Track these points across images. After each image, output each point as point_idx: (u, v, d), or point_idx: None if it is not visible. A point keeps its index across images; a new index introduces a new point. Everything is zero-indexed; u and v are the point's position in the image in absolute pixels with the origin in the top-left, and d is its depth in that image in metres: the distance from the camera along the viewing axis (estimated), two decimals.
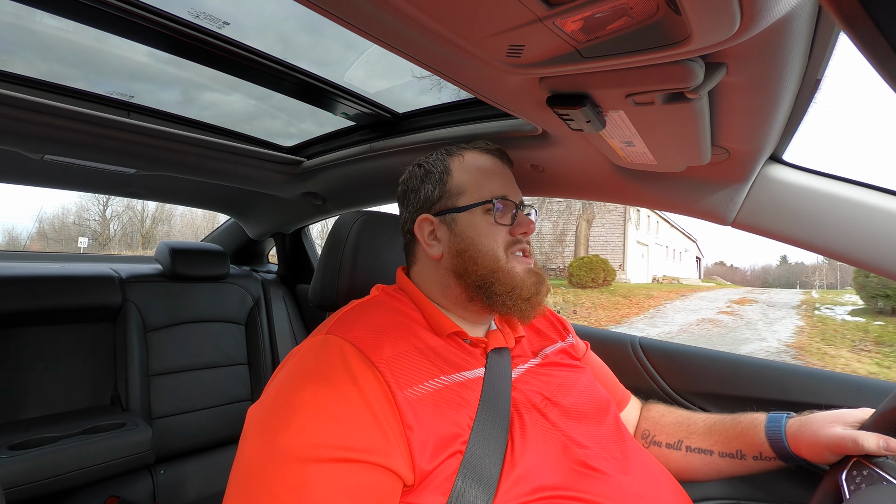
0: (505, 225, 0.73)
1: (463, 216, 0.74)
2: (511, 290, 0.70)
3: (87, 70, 1.04)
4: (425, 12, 0.47)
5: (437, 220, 0.75)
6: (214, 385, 1.70)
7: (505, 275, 0.71)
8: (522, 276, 0.72)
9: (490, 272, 0.70)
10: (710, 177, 0.86)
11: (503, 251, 0.72)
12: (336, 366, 0.57)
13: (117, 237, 16.21)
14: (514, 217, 0.74)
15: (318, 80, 1.01)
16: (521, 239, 0.74)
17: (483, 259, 0.71)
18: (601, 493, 0.58)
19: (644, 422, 0.91)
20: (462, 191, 0.75)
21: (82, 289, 1.50)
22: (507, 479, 0.56)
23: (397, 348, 0.62)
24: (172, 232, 16.57)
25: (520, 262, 0.73)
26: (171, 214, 17.09)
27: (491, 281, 0.70)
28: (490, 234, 0.72)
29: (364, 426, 0.52)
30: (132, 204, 16.26)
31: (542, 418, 0.65)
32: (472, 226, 0.73)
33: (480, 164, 0.77)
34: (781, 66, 0.50)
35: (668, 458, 0.83)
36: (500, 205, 0.73)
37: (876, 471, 0.54)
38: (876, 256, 0.76)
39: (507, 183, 0.77)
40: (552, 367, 0.77)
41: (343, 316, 0.67)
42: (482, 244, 0.72)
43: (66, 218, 16.31)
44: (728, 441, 0.77)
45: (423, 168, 0.79)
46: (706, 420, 0.83)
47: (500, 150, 0.80)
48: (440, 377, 0.62)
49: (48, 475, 1.15)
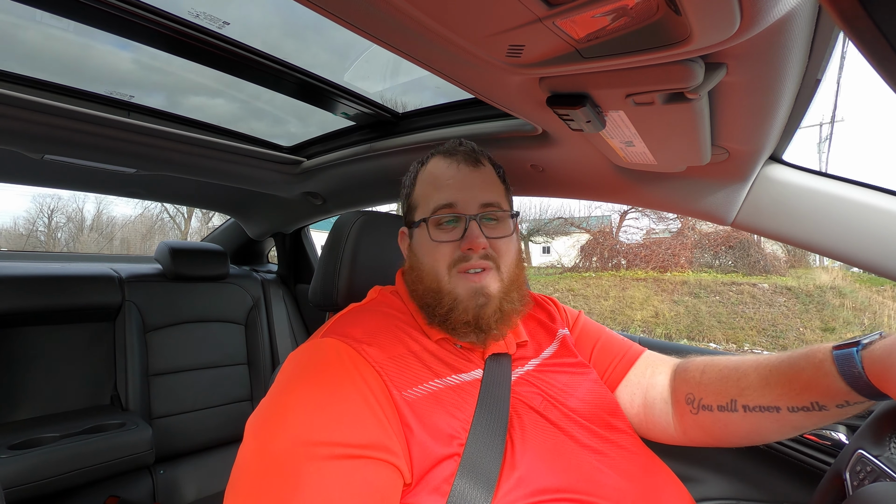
0: (448, 241, 0.68)
1: (416, 231, 0.72)
2: (449, 311, 0.66)
3: (70, 78, 1.04)
4: (426, 12, 0.47)
5: (406, 234, 0.77)
6: (214, 385, 1.70)
7: (445, 296, 0.67)
8: (463, 297, 0.66)
9: (431, 291, 0.68)
10: (710, 177, 0.86)
11: (446, 269, 0.68)
12: (335, 365, 0.57)
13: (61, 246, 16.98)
14: (464, 230, 0.68)
15: (318, 80, 1.01)
16: (468, 255, 0.67)
17: (426, 277, 0.69)
18: (604, 496, 0.58)
19: (685, 385, 0.74)
20: (416, 205, 0.74)
21: (82, 289, 1.50)
22: (507, 480, 0.56)
23: (393, 351, 0.62)
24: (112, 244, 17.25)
25: (465, 281, 0.67)
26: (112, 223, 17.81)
27: (432, 302, 0.67)
28: (431, 250, 0.69)
29: (366, 422, 0.52)
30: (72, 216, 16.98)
31: (543, 420, 0.65)
32: (420, 242, 0.72)
33: (436, 173, 0.73)
34: (781, 66, 0.50)
35: (726, 422, 0.67)
36: (442, 219, 0.69)
37: (880, 466, 0.54)
38: (876, 256, 0.76)
39: (457, 188, 0.70)
40: (555, 367, 0.76)
41: (339, 319, 0.67)
42: (424, 261, 0.70)
43: (16, 230, 17.01)
44: (796, 393, 0.60)
45: (404, 179, 0.80)
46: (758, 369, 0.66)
47: (465, 151, 0.74)
48: (435, 380, 0.62)
49: (48, 475, 1.15)
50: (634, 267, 10.89)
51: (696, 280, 9.84)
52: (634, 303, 9.76)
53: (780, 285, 9.36)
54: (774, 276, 9.95)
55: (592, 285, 10.47)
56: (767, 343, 8.21)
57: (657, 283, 10.06)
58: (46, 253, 4.44)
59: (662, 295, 9.77)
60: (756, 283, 9.44)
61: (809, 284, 9.32)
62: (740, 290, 9.28)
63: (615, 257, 11.28)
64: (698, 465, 1.06)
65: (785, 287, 9.28)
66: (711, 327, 8.85)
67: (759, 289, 9.33)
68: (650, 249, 11.04)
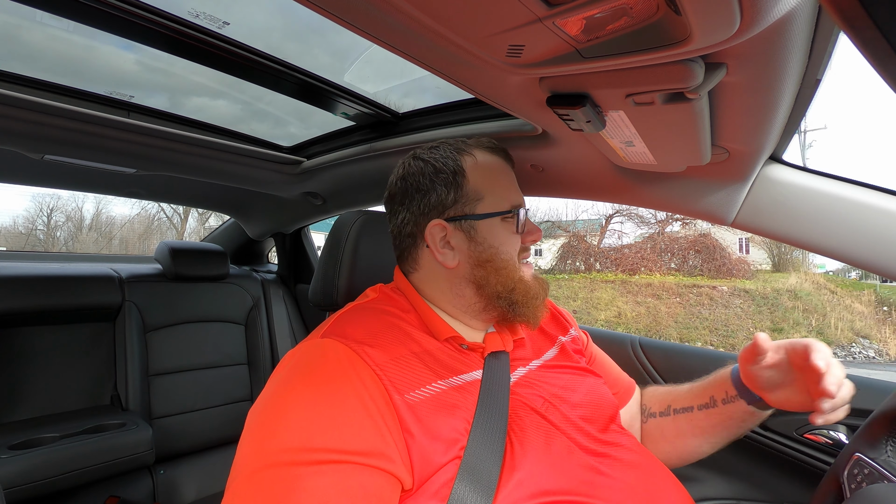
0: (519, 234, 0.72)
1: (482, 224, 0.70)
2: (529, 298, 0.70)
3: (72, 78, 1.04)
4: (426, 12, 0.47)
5: (450, 227, 0.70)
6: (214, 385, 1.70)
7: (522, 284, 0.70)
8: (534, 284, 0.72)
9: (513, 282, 0.70)
10: (710, 177, 0.86)
11: (517, 260, 0.72)
12: (333, 368, 0.55)
13: (59, 245, 17.06)
14: (523, 224, 0.73)
15: (318, 80, 1.01)
16: (528, 246, 0.74)
17: (507, 270, 0.70)
18: (605, 497, 0.58)
19: (643, 398, 0.91)
20: (480, 196, 0.70)
21: (82, 289, 1.50)
22: (507, 483, 0.55)
23: (395, 352, 0.60)
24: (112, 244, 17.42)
25: (527, 269, 0.73)
26: (111, 223, 17.93)
27: (511, 289, 0.69)
28: (511, 244, 0.71)
29: (362, 429, 0.51)
30: (71, 215, 17.09)
31: (544, 421, 0.64)
32: (494, 235, 0.70)
33: (494, 167, 0.74)
34: (781, 66, 0.50)
35: (663, 427, 0.84)
36: (521, 214, 0.72)
37: (877, 468, 0.54)
38: (876, 256, 0.76)
39: (517, 188, 0.76)
40: (556, 369, 0.76)
41: (339, 318, 0.66)
42: (505, 253, 0.70)
43: (15, 229, 17.16)
44: (702, 393, 0.79)
45: (429, 165, 0.72)
46: (691, 384, 0.84)
47: (504, 150, 0.77)
48: (437, 382, 0.61)
49: (48, 475, 1.15)
50: (606, 270, 11.30)
51: (661, 282, 10.37)
52: (600, 304, 10.18)
53: (738, 288, 9.89)
54: (738, 279, 10.40)
55: (564, 287, 10.87)
56: (718, 342, 8.79)
57: (624, 286, 10.52)
58: (46, 253, 4.43)
59: (627, 297, 10.24)
60: (716, 286, 9.98)
61: (767, 287, 9.73)
62: (700, 293, 9.84)
63: (588, 260, 11.65)
64: (698, 465, 1.05)
65: (743, 290, 9.80)
66: (668, 327, 9.31)
67: (718, 291, 9.89)
68: (621, 253, 11.52)
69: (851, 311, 9.14)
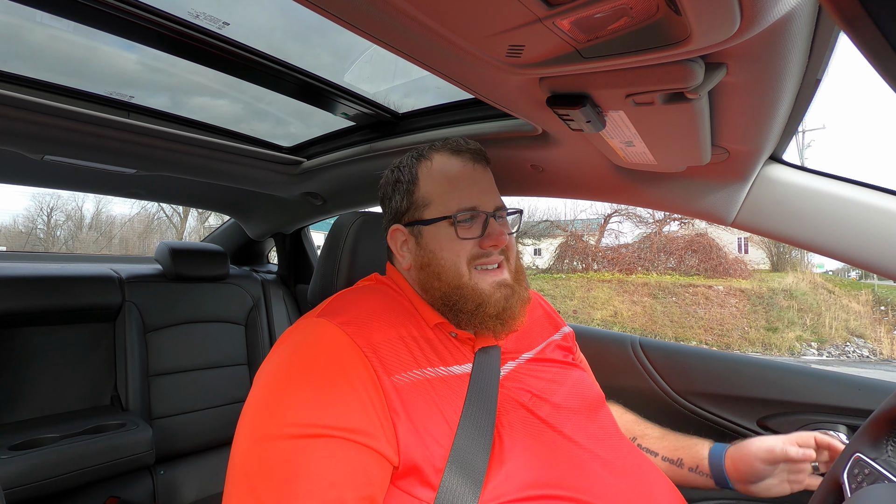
0: (471, 238, 0.70)
1: (428, 229, 0.72)
2: (477, 306, 0.68)
3: (73, 79, 1.04)
4: (426, 12, 0.47)
5: (406, 231, 0.74)
6: (214, 385, 1.70)
7: (469, 291, 0.68)
8: (489, 292, 0.69)
9: (453, 289, 0.68)
10: (710, 177, 0.86)
11: (466, 266, 0.70)
12: (324, 349, 0.58)
13: (59, 244, 17.13)
14: (484, 227, 0.71)
15: (318, 80, 1.01)
16: (489, 252, 0.71)
17: (445, 275, 0.69)
18: (592, 491, 0.58)
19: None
20: (428, 202, 0.72)
21: (82, 289, 1.50)
22: (495, 475, 0.56)
23: (385, 335, 0.62)
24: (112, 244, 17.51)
25: (486, 276, 0.70)
26: (111, 222, 17.98)
27: (455, 298, 0.68)
28: (452, 248, 0.70)
29: (351, 408, 0.54)
30: (71, 214, 17.14)
31: (531, 415, 0.65)
32: (436, 239, 0.71)
33: (448, 171, 0.74)
34: (781, 66, 0.50)
35: None
36: (464, 217, 0.70)
37: (877, 468, 0.54)
38: (876, 256, 0.76)
39: (478, 190, 0.73)
40: (544, 363, 0.76)
41: (334, 300, 0.69)
42: (444, 259, 0.70)
43: (15, 228, 17.26)
44: (674, 449, 0.83)
45: (394, 174, 0.78)
46: (662, 430, 0.88)
47: (474, 150, 0.75)
48: (426, 368, 0.62)
49: (48, 475, 1.15)
50: (603, 269, 11.29)
51: (657, 282, 10.42)
52: (597, 303, 10.22)
53: (734, 287, 9.92)
54: (734, 278, 10.42)
55: (561, 286, 10.91)
56: (713, 341, 8.82)
57: (621, 285, 10.56)
58: (46, 253, 4.43)
59: (624, 296, 10.29)
60: (712, 286, 10.01)
61: (763, 287, 9.76)
62: (696, 292, 9.88)
63: (586, 259, 11.67)
64: None
65: (739, 289, 9.81)
66: (664, 326, 9.34)
67: (714, 290, 9.94)
68: (618, 252, 11.50)
69: (847, 311, 9.19)
